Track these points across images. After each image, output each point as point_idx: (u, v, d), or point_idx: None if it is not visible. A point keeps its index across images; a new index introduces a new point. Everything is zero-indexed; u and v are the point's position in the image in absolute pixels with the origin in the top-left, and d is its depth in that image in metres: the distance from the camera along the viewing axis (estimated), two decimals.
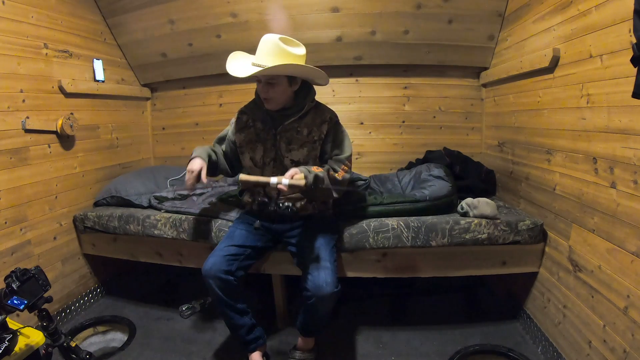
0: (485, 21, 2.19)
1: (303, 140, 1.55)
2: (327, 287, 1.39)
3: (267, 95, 1.49)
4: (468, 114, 2.55)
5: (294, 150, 1.55)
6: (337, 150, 1.59)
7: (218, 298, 1.50)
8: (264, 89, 1.48)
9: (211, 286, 1.48)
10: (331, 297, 1.41)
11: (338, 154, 1.59)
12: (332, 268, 1.46)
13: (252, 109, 1.64)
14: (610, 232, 1.28)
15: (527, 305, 1.86)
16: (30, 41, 1.87)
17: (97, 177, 2.34)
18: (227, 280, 1.48)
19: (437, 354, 1.71)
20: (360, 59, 2.47)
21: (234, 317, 1.55)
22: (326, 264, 1.45)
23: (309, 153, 1.56)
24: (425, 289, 2.32)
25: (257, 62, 1.44)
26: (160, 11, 2.34)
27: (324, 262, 1.46)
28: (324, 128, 1.56)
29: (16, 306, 1.16)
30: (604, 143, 1.31)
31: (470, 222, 1.68)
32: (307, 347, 1.66)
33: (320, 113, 1.59)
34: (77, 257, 2.17)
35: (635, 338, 1.15)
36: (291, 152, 1.55)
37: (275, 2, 2.24)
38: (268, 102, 1.52)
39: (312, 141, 1.56)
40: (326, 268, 1.44)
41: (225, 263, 1.49)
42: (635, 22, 0.96)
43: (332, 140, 1.58)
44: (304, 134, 1.55)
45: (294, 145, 1.55)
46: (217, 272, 1.47)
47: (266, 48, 1.44)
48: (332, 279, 1.41)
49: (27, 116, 1.83)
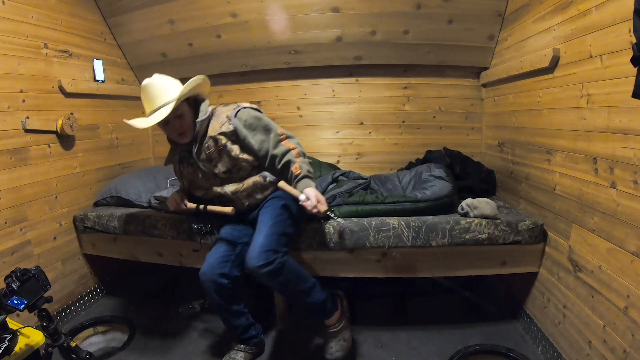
0: (485, 21, 2.19)
1: (216, 151, 1.55)
2: (250, 262, 1.38)
3: (181, 128, 1.51)
4: (468, 114, 2.55)
5: (218, 164, 1.57)
6: (261, 136, 1.55)
7: (214, 300, 1.54)
8: (176, 124, 1.49)
9: (208, 290, 1.52)
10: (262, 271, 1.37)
11: (263, 139, 1.54)
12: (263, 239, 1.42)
13: (172, 156, 1.69)
14: (610, 232, 1.28)
15: (527, 305, 1.86)
16: (30, 41, 1.87)
17: (97, 177, 2.34)
18: (222, 283, 1.50)
19: (437, 354, 1.71)
20: (360, 59, 2.47)
21: (230, 318, 1.58)
22: (258, 236, 1.44)
23: (229, 158, 1.56)
24: (425, 289, 2.32)
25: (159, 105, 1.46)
26: (160, 11, 2.34)
27: (258, 234, 1.46)
28: (225, 128, 1.54)
29: (16, 306, 1.16)
30: (604, 143, 1.31)
31: (470, 222, 1.68)
32: (331, 323, 1.60)
33: (217, 118, 1.58)
34: (77, 257, 2.17)
35: (635, 338, 1.15)
36: (217, 166, 1.57)
37: (275, 2, 2.24)
38: (185, 136, 1.54)
39: (223, 147, 1.55)
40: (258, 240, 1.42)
41: (218, 266, 1.51)
42: (635, 22, 0.96)
43: (245, 132, 1.54)
44: (213, 146, 1.55)
45: (214, 160, 1.57)
46: (212, 276, 1.49)
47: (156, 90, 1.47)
48: (258, 252, 1.38)
49: (27, 116, 1.83)
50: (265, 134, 1.55)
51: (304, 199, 1.42)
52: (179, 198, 1.68)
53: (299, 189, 1.47)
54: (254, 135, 1.54)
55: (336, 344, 1.58)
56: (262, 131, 1.55)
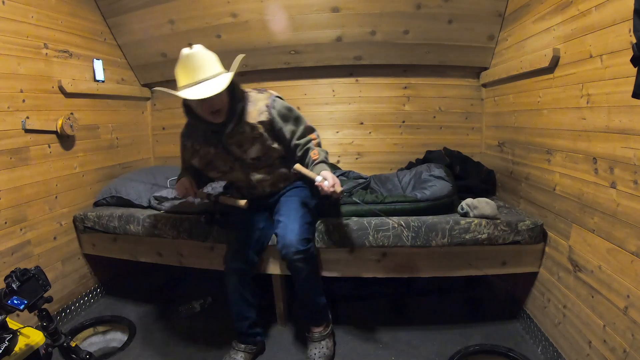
0: (485, 21, 2.19)
1: (250, 137, 1.54)
2: (289, 248, 1.48)
3: (219, 106, 1.42)
4: (468, 114, 2.55)
5: (249, 149, 1.56)
6: (292, 127, 1.58)
7: (235, 289, 1.60)
8: (216, 101, 1.39)
9: (230, 277, 1.57)
10: (297, 256, 1.49)
11: (294, 130, 1.59)
12: (299, 227, 1.52)
13: (191, 133, 1.61)
14: (610, 232, 1.28)
15: (527, 305, 1.86)
16: (30, 41, 1.87)
17: (97, 177, 2.34)
18: (245, 270, 1.59)
19: (437, 354, 1.71)
20: (360, 59, 2.47)
21: (244, 309, 1.64)
22: (294, 224, 1.53)
23: (262, 146, 1.56)
24: (425, 289, 2.32)
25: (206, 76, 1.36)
26: (160, 11, 2.34)
27: (290, 217, 1.55)
28: (264, 117, 1.52)
29: (16, 306, 1.15)
30: (604, 143, 1.31)
31: (470, 222, 1.68)
32: (319, 330, 1.68)
33: (255, 103, 1.54)
34: (77, 257, 2.17)
35: (635, 338, 1.15)
36: (247, 152, 1.56)
37: (275, 2, 2.24)
38: (219, 115, 1.45)
39: (258, 135, 1.54)
40: (291, 226, 1.52)
41: (241, 253, 1.60)
42: (635, 22, 0.96)
43: (280, 123, 1.55)
44: (248, 132, 1.53)
45: (245, 145, 1.55)
46: (236, 263, 1.58)
47: (199, 61, 1.37)
48: (296, 236, 1.49)
49: (27, 116, 1.83)
50: (296, 124, 1.60)
51: (320, 180, 1.47)
52: (188, 183, 1.62)
53: (315, 172, 1.52)
54: (286, 126, 1.58)
55: (319, 351, 1.64)
56: (293, 122, 1.60)
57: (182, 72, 1.37)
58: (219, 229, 1.81)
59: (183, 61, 1.37)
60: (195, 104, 1.42)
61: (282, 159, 1.66)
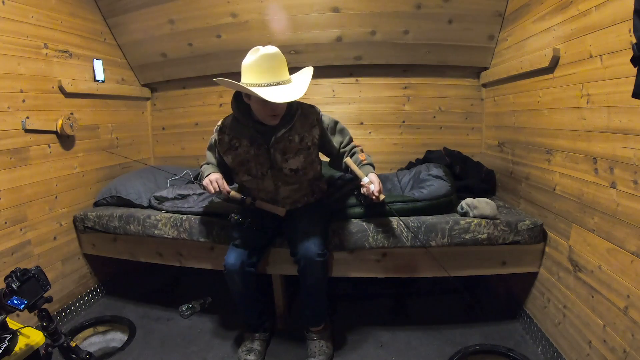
0: (485, 21, 2.19)
1: (297, 147, 1.54)
2: (311, 250, 1.51)
3: (281, 111, 1.45)
4: (468, 114, 2.55)
5: (291, 159, 1.55)
6: (339, 138, 1.66)
7: (241, 288, 1.61)
8: (280, 105, 1.39)
9: (233, 278, 1.58)
10: (318, 259, 1.52)
11: (342, 141, 1.66)
12: (319, 235, 1.57)
13: (234, 128, 1.56)
14: (610, 232, 1.28)
15: (527, 305, 1.86)
16: (30, 41, 1.87)
17: (97, 177, 2.34)
18: (248, 272, 1.59)
19: (437, 354, 1.71)
20: (360, 59, 2.47)
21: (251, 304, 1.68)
22: (314, 230, 1.57)
23: (305, 159, 1.57)
24: (425, 289, 2.32)
25: (282, 79, 1.37)
26: (160, 11, 2.34)
27: (312, 228, 1.58)
28: (315, 132, 1.58)
29: (16, 306, 1.15)
30: (604, 143, 1.31)
31: (470, 222, 1.68)
32: (318, 330, 1.71)
33: (306, 116, 1.57)
34: (77, 257, 2.17)
35: (635, 338, 1.15)
36: (288, 162, 1.55)
37: (275, 2, 2.24)
38: (276, 118, 1.46)
39: (306, 147, 1.56)
40: (314, 234, 1.55)
41: (246, 253, 1.60)
42: (635, 22, 0.96)
43: (329, 135, 1.64)
44: (297, 142, 1.54)
45: (289, 154, 1.54)
46: (239, 266, 1.57)
47: (278, 63, 1.38)
48: (318, 243, 1.53)
49: (27, 116, 1.83)
50: (342, 135, 1.68)
51: (367, 182, 1.52)
52: (221, 180, 1.56)
53: (363, 172, 1.58)
54: (335, 138, 1.66)
55: (319, 350, 1.66)
56: (339, 134, 1.67)
57: (257, 70, 1.36)
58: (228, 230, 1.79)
59: (261, 60, 1.36)
60: (258, 104, 1.40)
61: (312, 182, 1.69)
